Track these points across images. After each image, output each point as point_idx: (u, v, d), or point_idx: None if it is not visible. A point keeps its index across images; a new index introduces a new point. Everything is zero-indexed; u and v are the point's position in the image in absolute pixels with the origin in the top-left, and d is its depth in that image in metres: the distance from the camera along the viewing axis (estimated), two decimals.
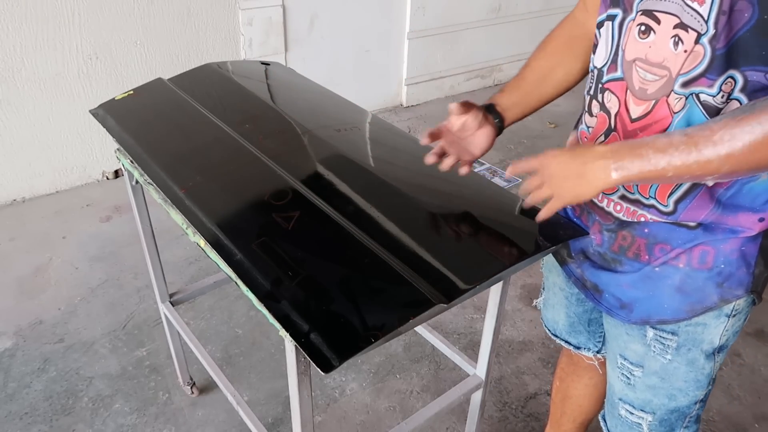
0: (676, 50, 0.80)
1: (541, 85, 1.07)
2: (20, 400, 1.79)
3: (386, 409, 1.82)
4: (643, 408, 1.07)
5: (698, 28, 0.77)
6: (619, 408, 1.12)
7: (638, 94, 0.86)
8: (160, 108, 1.42)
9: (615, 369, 1.10)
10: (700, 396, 1.04)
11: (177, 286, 2.09)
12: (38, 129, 2.75)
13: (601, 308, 1.05)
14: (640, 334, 1.01)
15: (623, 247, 0.97)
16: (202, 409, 1.79)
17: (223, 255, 0.94)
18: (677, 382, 1.01)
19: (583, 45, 1.02)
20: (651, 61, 0.83)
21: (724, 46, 0.76)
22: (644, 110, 0.86)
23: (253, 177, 1.13)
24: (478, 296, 2.12)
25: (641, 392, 1.06)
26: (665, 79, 0.82)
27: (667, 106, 0.84)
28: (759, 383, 1.94)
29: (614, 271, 1.00)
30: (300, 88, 1.61)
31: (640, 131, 0.88)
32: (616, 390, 1.12)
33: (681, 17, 0.78)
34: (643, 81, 0.85)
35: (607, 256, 1.00)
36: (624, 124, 0.90)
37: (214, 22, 3.00)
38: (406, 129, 3.66)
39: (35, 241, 2.53)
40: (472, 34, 4.06)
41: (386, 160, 1.25)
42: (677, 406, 1.04)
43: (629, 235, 0.96)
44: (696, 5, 0.76)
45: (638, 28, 0.84)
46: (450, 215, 1.05)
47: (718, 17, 0.75)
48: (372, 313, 0.82)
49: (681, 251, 0.92)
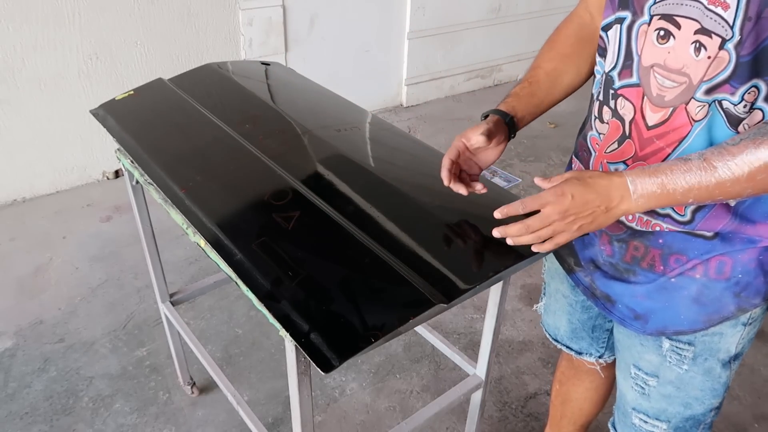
0: (697, 56, 0.78)
1: (553, 90, 1.05)
2: (20, 399, 1.79)
3: (386, 409, 1.82)
4: (658, 417, 1.06)
5: (723, 34, 0.75)
6: (633, 417, 1.10)
7: (655, 101, 0.84)
8: (161, 108, 1.42)
9: (628, 379, 1.08)
10: (716, 404, 1.02)
11: (177, 286, 2.09)
12: (38, 129, 2.75)
13: (613, 318, 1.03)
14: (655, 344, 1.00)
15: (636, 258, 0.95)
16: (202, 409, 1.79)
17: (223, 255, 0.94)
18: (693, 391, 1.00)
19: (592, 47, 1.00)
20: (670, 67, 0.81)
21: (749, 53, 0.74)
22: (661, 117, 0.84)
23: (253, 177, 1.13)
24: (478, 296, 2.12)
25: (656, 402, 1.04)
26: (684, 86, 0.80)
27: (686, 114, 0.82)
28: (759, 383, 1.94)
29: (628, 281, 0.98)
30: (300, 88, 1.61)
31: (656, 139, 0.86)
32: (628, 399, 1.10)
33: (702, 22, 0.76)
34: (661, 87, 0.83)
35: (619, 267, 0.99)
36: (640, 131, 0.88)
37: (214, 22, 3.00)
38: (406, 129, 3.66)
39: (35, 241, 2.53)
40: (472, 34, 4.06)
41: (386, 161, 1.25)
42: (693, 414, 1.03)
43: (642, 245, 0.94)
44: (720, 10, 0.74)
45: (656, 33, 0.82)
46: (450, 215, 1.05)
47: (743, 23, 0.73)
48: (372, 313, 0.82)
49: (698, 262, 0.90)
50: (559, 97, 1.06)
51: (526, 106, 1.03)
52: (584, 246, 1.04)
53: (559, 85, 1.04)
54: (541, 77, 1.04)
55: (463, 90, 4.27)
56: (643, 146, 0.88)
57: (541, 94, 1.04)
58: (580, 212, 0.80)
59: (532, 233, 0.83)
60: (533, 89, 1.04)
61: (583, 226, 0.82)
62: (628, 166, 0.91)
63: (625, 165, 0.91)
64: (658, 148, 0.86)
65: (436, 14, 3.79)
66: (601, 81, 0.94)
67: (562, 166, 3.20)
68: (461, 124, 3.81)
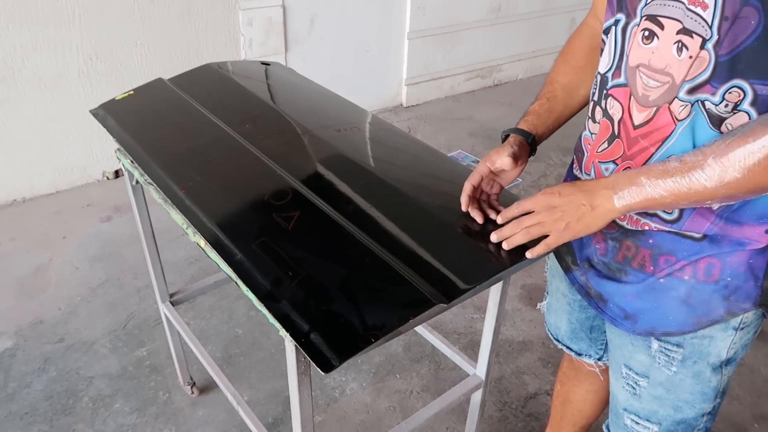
0: (679, 56, 0.79)
1: (570, 103, 1.07)
2: (20, 399, 1.79)
3: (386, 409, 1.82)
4: (649, 418, 1.05)
5: (703, 34, 0.75)
6: (624, 418, 1.10)
7: (641, 100, 0.85)
8: (161, 108, 1.42)
9: (619, 379, 1.08)
10: (707, 408, 1.01)
11: (177, 286, 2.09)
12: (38, 129, 2.75)
13: (605, 317, 1.04)
14: (644, 345, 1.00)
15: (627, 258, 0.96)
16: (202, 409, 1.79)
17: (223, 255, 0.94)
18: (683, 394, 1.00)
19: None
20: (654, 67, 0.82)
21: (727, 53, 0.74)
22: (646, 117, 0.85)
23: (254, 177, 1.13)
24: (478, 296, 2.12)
25: (647, 402, 1.04)
26: (668, 85, 0.81)
27: (669, 114, 0.82)
28: (759, 383, 1.94)
29: (619, 281, 0.98)
30: (300, 88, 1.61)
31: (641, 138, 0.87)
32: (620, 400, 1.10)
33: (683, 22, 0.77)
34: (646, 87, 0.84)
35: (611, 266, 0.99)
36: (627, 130, 0.89)
37: (214, 22, 3.00)
38: (406, 129, 3.67)
39: (35, 241, 2.53)
40: (472, 34, 4.06)
41: (386, 161, 1.25)
42: (683, 417, 1.02)
43: (633, 245, 0.94)
44: (699, 10, 0.75)
45: (642, 33, 0.83)
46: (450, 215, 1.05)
47: (720, 22, 0.73)
48: (372, 313, 0.82)
49: (686, 263, 0.90)
50: (576, 109, 1.08)
51: (546, 122, 1.06)
52: (582, 245, 1.05)
53: (576, 98, 1.06)
54: (558, 92, 1.06)
55: (463, 90, 4.27)
56: (631, 145, 0.89)
57: (560, 109, 1.06)
58: (566, 209, 0.85)
59: (523, 230, 0.89)
60: (551, 105, 1.06)
61: (570, 224, 0.86)
62: (617, 165, 0.92)
63: (615, 164, 0.92)
64: (642, 148, 0.87)
65: (436, 14, 3.79)
66: (597, 82, 0.95)
67: (563, 166, 3.20)
68: (461, 124, 3.81)
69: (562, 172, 3.03)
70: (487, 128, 3.74)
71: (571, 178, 1.08)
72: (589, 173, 0.99)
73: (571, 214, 0.85)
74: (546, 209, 0.87)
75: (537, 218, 0.88)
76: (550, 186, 0.89)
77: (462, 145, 3.52)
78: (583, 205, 0.84)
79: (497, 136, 1.04)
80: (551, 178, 3.08)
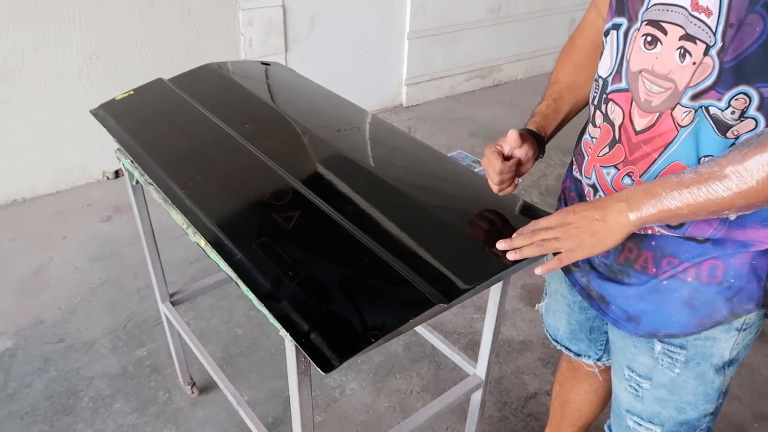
0: (682, 62, 0.78)
1: (576, 102, 1.07)
2: (21, 399, 1.79)
3: (386, 409, 1.82)
4: (652, 420, 1.05)
5: (706, 40, 0.75)
6: (627, 419, 1.10)
7: (643, 106, 0.85)
8: (161, 108, 1.42)
9: (622, 380, 1.08)
10: (710, 409, 1.02)
11: (177, 286, 2.09)
12: (38, 129, 2.75)
13: (607, 319, 1.04)
14: (647, 346, 1.00)
15: (629, 260, 0.96)
16: (202, 409, 1.79)
17: (223, 255, 0.94)
18: (686, 395, 1.00)
19: None
20: (657, 72, 0.82)
21: (732, 59, 0.74)
22: (648, 122, 0.85)
23: (254, 177, 1.13)
24: (478, 296, 2.12)
25: (649, 404, 1.04)
26: (670, 91, 0.81)
27: (671, 120, 0.82)
28: (759, 383, 1.94)
29: (621, 283, 0.98)
30: (300, 88, 1.61)
31: (644, 144, 0.86)
32: (623, 401, 1.10)
33: (686, 28, 0.77)
34: (649, 93, 0.83)
35: (613, 268, 0.99)
36: (629, 136, 0.88)
37: (214, 22, 3.00)
38: (406, 129, 3.67)
39: (35, 241, 2.53)
40: (472, 34, 4.06)
41: (386, 161, 1.26)
42: (686, 418, 1.02)
43: (635, 247, 0.94)
44: (703, 16, 0.74)
45: (644, 38, 0.82)
46: (450, 215, 1.05)
47: (725, 30, 0.73)
48: (372, 313, 0.82)
49: (689, 265, 0.90)
50: (582, 107, 1.08)
51: (553, 122, 1.06)
52: None
53: (581, 96, 1.06)
54: (563, 92, 1.06)
55: (463, 90, 4.27)
56: (632, 151, 0.88)
57: (566, 109, 1.07)
58: (580, 224, 0.85)
59: (536, 243, 0.89)
60: (558, 105, 1.06)
61: (584, 240, 0.85)
62: (619, 170, 0.92)
63: (616, 169, 0.92)
64: (645, 153, 0.87)
65: (436, 14, 3.79)
66: (598, 85, 0.94)
67: (562, 166, 3.19)
68: (461, 124, 3.81)
69: (562, 172, 3.02)
70: (487, 128, 3.74)
71: (571, 180, 1.08)
72: (590, 177, 0.98)
73: (586, 229, 0.85)
74: (560, 226, 0.87)
75: (552, 233, 0.88)
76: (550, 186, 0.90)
77: (462, 145, 3.52)
78: (597, 220, 0.84)
79: (497, 137, 1.04)
80: (551, 178, 3.08)
